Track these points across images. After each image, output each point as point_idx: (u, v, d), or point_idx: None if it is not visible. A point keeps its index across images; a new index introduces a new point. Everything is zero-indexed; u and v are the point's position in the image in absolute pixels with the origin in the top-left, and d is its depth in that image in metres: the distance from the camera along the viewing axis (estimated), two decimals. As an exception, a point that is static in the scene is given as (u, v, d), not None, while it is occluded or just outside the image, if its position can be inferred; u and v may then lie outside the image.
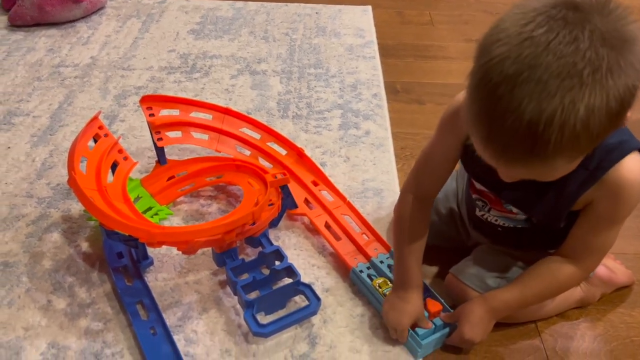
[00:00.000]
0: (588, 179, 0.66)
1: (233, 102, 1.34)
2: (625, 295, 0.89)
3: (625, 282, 0.89)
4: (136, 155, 1.14)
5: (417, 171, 0.81)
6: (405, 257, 0.79)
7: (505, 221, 0.79)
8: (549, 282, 0.75)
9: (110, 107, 1.31)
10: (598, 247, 0.73)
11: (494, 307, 0.76)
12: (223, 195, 1.05)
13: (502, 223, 0.80)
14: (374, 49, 1.60)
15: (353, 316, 0.83)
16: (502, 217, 0.79)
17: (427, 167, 0.79)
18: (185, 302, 0.86)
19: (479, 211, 0.82)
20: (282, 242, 0.96)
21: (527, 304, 0.78)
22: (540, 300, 0.79)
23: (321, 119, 1.29)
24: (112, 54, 1.54)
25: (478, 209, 0.82)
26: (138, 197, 0.99)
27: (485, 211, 0.80)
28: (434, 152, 0.78)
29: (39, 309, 0.84)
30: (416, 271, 0.78)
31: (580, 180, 0.66)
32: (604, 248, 0.73)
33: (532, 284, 0.76)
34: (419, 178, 0.80)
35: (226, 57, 1.54)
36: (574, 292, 0.84)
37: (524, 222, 0.77)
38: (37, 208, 1.03)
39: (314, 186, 1.04)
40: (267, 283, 0.83)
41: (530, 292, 0.76)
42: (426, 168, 0.80)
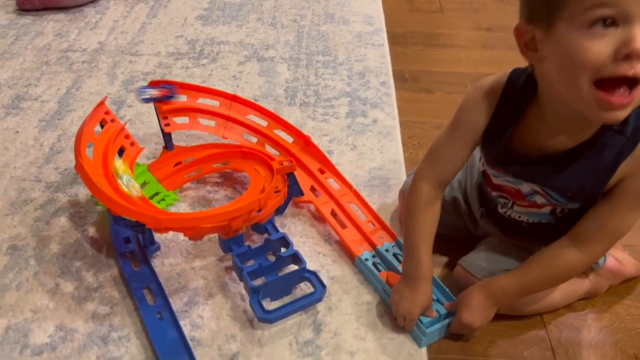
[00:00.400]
0: (626, 145, 0.64)
1: (240, 89, 1.33)
2: (632, 287, 0.89)
3: (633, 274, 0.89)
4: (143, 141, 1.14)
5: (434, 158, 0.78)
6: (416, 247, 0.78)
7: (529, 217, 0.78)
8: (549, 268, 0.74)
9: (117, 93, 1.31)
10: (611, 232, 0.70)
11: (492, 293, 0.76)
12: (229, 182, 1.06)
13: (527, 219, 0.79)
14: (382, 36, 1.58)
15: (358, 304, 0.84)
16: (527, 212, 0.78)
17: (445, 153, 0.77)
18: (192, 287, 0.86)
19: (502, 208, 0.81)
20: (288, 229, 0.96)
21: (528, 291, 0.77)
22: (542, 287, 0.78)
23: (328, 107, 1.28)
24: (120, 39, 1.54)
25: (500, 207, 0.81)
26: (145, 183, 0.99)
27: (508, 208, 0.79)
28: (453, 137, 0.76)
29: (47, 292, 0.85)
30: (427, 262, 0.78)
31: (617, 148, 0.64)
32: (617, 234, 0.71)
33: (531, 270, 0.75)
34: (437, 165, 0.78)
35: (234, 44, 1.53)
36: (582, 284, 0.84)
37: (548, 216, 0.76)
38: (45, 192, 1.03)
39: (320, 174, 1.03)
40: (272, 270, 0.84)
41: (529, 278, 0.75)
42: (444, 154, 0.77)
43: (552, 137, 0.68)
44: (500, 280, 0.76)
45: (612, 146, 0.65)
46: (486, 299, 0.76)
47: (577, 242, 0.72)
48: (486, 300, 0.76)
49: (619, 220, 0.70)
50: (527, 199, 0.76)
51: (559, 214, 0.75)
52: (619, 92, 0.55)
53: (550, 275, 0.75)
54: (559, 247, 0.73)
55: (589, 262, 0.75)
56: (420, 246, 0.78)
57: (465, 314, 0.76)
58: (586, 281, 0.84)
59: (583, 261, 0.73)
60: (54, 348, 0.77)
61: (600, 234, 0.71)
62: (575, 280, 0.83)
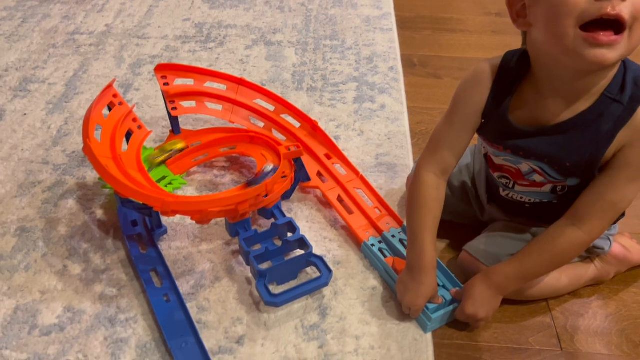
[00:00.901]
0: (623, 113, 0.64)
1: (247, 73, 1.33)
2: (638, 275, 0.88)
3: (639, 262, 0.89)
4: (150, 125, 1.14)
5: (436, 145, 0.79)
6: (420, 237, 0.78)
7: (531, 197, 0.78)
8: (549, 249, 0.73)
9: (125, 76, 1.31)
10: (609, 206, 0.69)
11: (496, 282, 0.76)
12: (236, 166, 1.06)
13: (529, 200, 0.79)
14: (391, 21, 1.57)
15: (364, 289, 0.84)
16: (528, 192, 0.78)
17: (447, 139, 0.77)
18: (199, 270, 0.87)
19: (504, 191, 0.81)
20: (295, 214, 0.96)
21: (530, 275, 0.77)
22: (544, 270, 0.77)
23: (336, 92, 1.27)
24: (127, 22, 1.53)
25: (502, 189, 0.81)
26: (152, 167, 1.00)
27: (510, 189, 0.79)
28: (453, 122, 0.76)
29: (55, 273, 0.86)
30: (431, 252, 0.77)
31: (615, 117, 0.65)
32: (616, 207, 0.70)
33: (532, 253, 0.75)
34: (439, 152, 0.78)
35: (241, 27, 1.52)
36: (588, 270, 0.84)
37: (549, 195, 0.76)
38: (53, 175, 1.04)
39: (327, 159, 1.03)
40: (279, 254, 0.84)
41: (531, 261, 0.74)
42: (446, 140, 0.77)
43: (548, 108, 0.68)
44: (502, 267, 0.76)
45: (609, 114, 0.65)
46: (489, 288, 0.76)
47: (575, 219, 0.72)
48: (489, 290, 0.76)
49: (618, 193, 0.69)
50: (527, 178, 0.75)
51: (559, 192, 0.75)
52: (605, 32, 0.56)
53: (551, 257, 0.74)
54: (558, 227, 0.73)
55: (588, 240, 0.73)
56: (423, 236, 0.77)
57: (469, 304, 0.76)
58: (592, 267, 0.84)
59: (582, 239, 0.72)
60: (62, 329, 0.78)
61: (598, 209, 0.70)
62: (581, 266, 0.83)
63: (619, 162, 0.67)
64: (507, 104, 0.71)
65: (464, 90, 0.75)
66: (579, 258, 0.83)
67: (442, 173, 0.79)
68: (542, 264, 0.75)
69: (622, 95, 0.64)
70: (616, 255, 0.85)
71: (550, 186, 0.75)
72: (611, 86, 0.65)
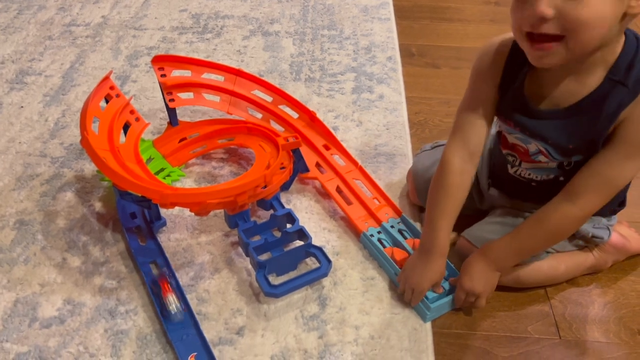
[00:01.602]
0: (625, 96, 0.66)
1: (245, 64, 1.32)
2: (637, 264, 0.89)
3: (638, 250, 0.89)
4: (148, 116, 1.14)
5: (460, 127, 0.78)
6: (436, 222, 0.78)
7: (537, 173, 0.78)
8: (543, 223, 0.74)
9: (122, 68, 1.31)
10: (605, 181, 0.70)
11: (492, 258, 0.77)
12: (235, 158, 1.05)
13: (536, 176, 0.79)
14: (389, 10, 1.56)
15: (363, 279, 0.84)
16: (534, 168, 0.78)
17: (469, 118, 0.77)
18: (198, 262, 0.87)
19: (512, 168, 0.81)
20: (294, 205, 0.96)
21: (526, 250, 0.77)
22: (537, 244, 0.77)
23: (334, 82, 1.27)
24: (124, 13, 1.52)
25: (510, 166, 0.81)
26: (150, 158, 0.99)
27: (517, 165, 0.80)
28: (475, 101, 0.77)
29: (54, 266, 0.86)
30: (444, 238, 0.78)
31: (619, 99, 0.66)
32: (611, 183, 0.70)
33: (527, 228, 0.76)
34: (464, 133, 0.77)
35: (238, 18, 1.51)
36: (586, 258, 0.84)
37: (556, 170, 0.76)
38: (51, 167, 1.03)
39: (325, 150, 1.03)
40: (278, 245, 0.84)
41: (525, 236, 0.75)
42: (468, 119, 0.77)
43: (560, 84, 0.69)
44: (498, 242, 0.77)
45: (614, 96, 0.66)
46: (486, 263, 0.77)
47: (571, 195, 0.72)
48: (486, 265, 0.77)
49: (614, 169, 0.69)
50: (532, 158, 0.76)
51: (566, 167, 0.75)
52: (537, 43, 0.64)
53: (545, 231, 0.75)
54: (553, 203, 0.74)
55: (581, 215, 0.73)
56: (440, 222, 0.78)
57: (466, 279, 0.77)
58: (590, 256, 0.84)
59: (575, 213, 0.72)
60: (62, 321, 0.78)
61: (593, 184, 0.70)
62: (579, 254, 0.84)
63: (617, 139, 0.68)
64: (522, 78, 0.72)
65: (479, 65, 0.76)
66: (577, 247, 0.83)
67: (470, 156, 0.77)
68: (536, 238, 0.76)
69: (628, 76, 0.65)
70: (615, 244, 0.85)
71: (556, 163, 0.75)
72: (616, 67, 0.66)
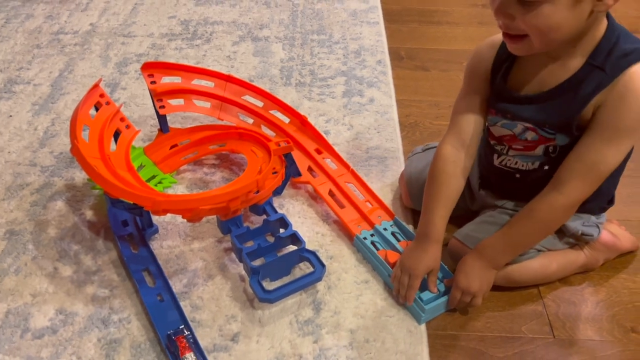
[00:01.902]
0: (603, 80, 0.68)
1: (235, 69, 1.32)
2: (628, 262, 0.89)
3: (629, 248, 0.90)
4: (138, 124, 1.13)
5: (454, 118, 0.82)
6: (430, 209, 0.80)
7: (523, 160, 0.79)
8: (532, 215, 0.75)
9: (111, 75, 1.30)
10: (588, 167, 0.71)
11: (486, 255, 0.78)
12: (226, 164, 1.05)
13: (521, 166, 0.80)
14: (378, 14, 1.57)
15: (357, 282, 0.84)
16: (520, 155, 0.79)
17: (462, 109, 0.81)
18: (191, 269, 0.86)
19: (498, 158, 0.82)
20: (287, 209, 0.96)
21: (518, 244, 0.78)
22: (528, 237, 0.78)
23: (325, 86, 1.27)
24: (112, 21, 1.52)
25: (497, 156, 0.82)
26: (141, 166, 0.99)
27: (504, 154, 0.81)
28: (468, 96, 0.80)
29: (46, 276, 0.85)
30: (439, 225, 0.79)
31: (595, 83, 0.68)
32: (595, 169, 0.71)
33: (517, 222, 0.77)
34: (457, 124, 0.81)
35: (228, 23, 1.51)
36: (578, 256, 0.85)
37: (542, 157, 0.77)
38: (41, 176, 1.03)
39: (317, 154, 1.03)
40: (272, 250, 0.84)
41: (516, 230, 0.77)
42: (461, 110, 0.81)
43: (543, 69, 0.72)
44: (490, 239, 0.78)
45: (591, 80, 0.69)
46: (481, 261, 0.78)
47: (556, 184, 0.73)
48: (481, 263, 0.78)
49: (596, 154, 0.70)
50: (520, 138, 0.77)
51: (551, 153, 0.76)
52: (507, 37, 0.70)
53: (534, 223, 0.76)
54: (540, 194, 0.75)
55: (568, 203, 0.74)
56: (433, 208, 0.79)
57: (461, 277, 0.78)
58: (581, 254, 0.85)
59: (561, 201, 0.73)
60: (54, 331, 0.77)
61: (577, 171, 0.72)
62: (570, 252, 0.84)
63: (596, 123, 0.70)
64: (506, 70, 0.75)
65: (471, 62, 0.80)
66: (568, 245, 0.84)
67: (462, 145, 0.80)
68: (526, 231, 0.77)
69: (607, 61, 0.68)
70: (605, 242, 0.86)
71: (543, 147, 0.76)
72: (596, 52, 0.69)
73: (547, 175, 0.76)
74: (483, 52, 0.78)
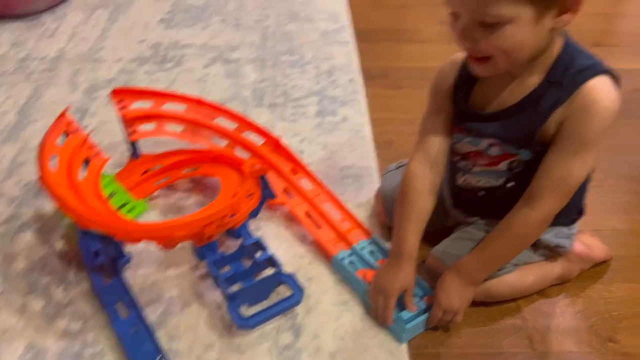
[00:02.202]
0: (561, 95, 0.70)
1: (207, 92, 1.31)
2: (603, 271, 0.91)
3: (602, 258, 0.91)
4: (109, 149, 1.11)
5: (421, 135, 0.83)
6: (402, 226, 0.80)
7: (487, 178, 0.80)
8: (506, 231, 0.76)
9: (80, 101, 1.28)
10: (557, 181, 0.72)
11: (464, 272, 0.78)
12: (200, 188, 1.04)
13: (484, 183, 0.81)
14: (348, 33, 1.58)
15: (336, 304, 0.83)
16: (485, 172, 0.80)
17: (428, 126, 0.82)
18: (166, 297, 0.84)
19: (462, 176, 0.83)
20: (263, 232, 0.95)
21: (495, 260, 0.79)
22: (506, 253, 0.79)
23: (298, 107, 1.27)
24: (81, 46, 1.50)
25: (461, 174, 0.83)
26: (113, 193, 0.97)
27: (468, 172, 0.82)
28: (434, 112, 0.82)
29: (15, 311, 0.82)
30: (411, 242, 0.79)
31: (554, 98, 0.70)
32: (564, 183, 0.72)
33: (492, 239, 0.78)
34: (424, 140, 0.82)
35: (198, 46, 1.51)
36: (553, 268, 0.86)
37: (506, 173, 0.78)
38: (8, 208, 1.00)
39: (292, 175, 1.03)
40: (249, 275, 0.83)
41: (492, 247, 0.77)
42: (427, 127, 0.82)
43: (504, 87, 0.74)
44: (467, 257, 0.79)
45: (550, 95, 0.71)
46: (459, 278, 0.78)
47: (528, 200, 0.74)
48: (459, 280, 0.78)
49: (564, 168, 0.71)
50: (485, 154, 0.78)
51: (515, 168, 0.77)
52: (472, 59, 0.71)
53: (509, 239, 0.77)
54: (513, 210, 0.76)
55: (541, 218, 0.75)
56: (405, 226, 0.80)
57: (442, 296, 0.78)
58: (556, 266, 0.86)
59: (534, 217, 0.74)
60: (25, 369, 0.75)
61: (547, 186, 0.73)
62: (546, 264, 0.85)
63: (560, 137, 0.71)
64: (468, 88, 0.77)
65: (435, 80, 0.81)
66: (543, 257, 0.85)
67: (430, 163, 0.81)
68: (502, 248, 0.78)
69: (564, 76, 0.70)
70: (578, 253, 0.87)
71: (506, 163, 0.77)
72: (554, 69, 0.71)
73: (513, 191, 0.77)
74: (446, 71, 0.80)
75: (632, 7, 1.86)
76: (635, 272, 0.91)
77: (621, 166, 1.12)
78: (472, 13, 0.65)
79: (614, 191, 1.06)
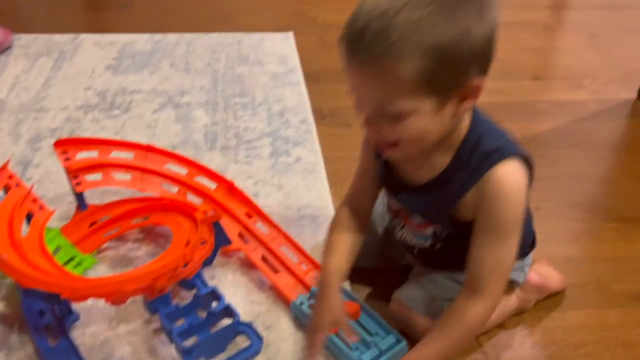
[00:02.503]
0: (468, 179, 0.70)
1: (157, 138, 1.29)
2: (559, 300, 0.92)
3: (557, 288, 0.92)
4: (54, 202, 1.07)
5: (352, 186, 0.86)
6: (325, 260, 0.79)
7: (417, 239, 0.82)
8: (460, 326, 0.72)
9: (22, 152, 1.23)
10: (494, 268, 0.71)
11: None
12: (151, 237, 1.00)
13: (415, 243, 0.82)
14: (298, 75, 1.60)
15: (296, 351, 0.81)
16: (414, 233, 0.81)
17: (358, 181, 0.85)
18: (118, 356, 0.80)
19: (399, 231, 0.84)
20: (218, 280, 0.92)
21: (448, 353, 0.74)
22: (460, 345, 0.76)
23: (251, 149, 1.27)
24: (23, 95, 1.46)
25: (398, 229, 0.85)
26: (58, 248, 0.92)
27: (401, 228, 0.84)
28: (362, 166, 0.84)
29: (-50, 383, 0.76)
30: (330, 270, 0.77)
31: (461, 181, 0.71)
32: (502, 268, 0.71)
33: (444, 334, 0.73)
34: (353, 192, 0.85)
35: (147, 92, 1.49)
36: (509, 301, 0.86)
37: (431, 238, 0.79)
38: (-57, 270, 0.93)
39: (247, 219, 1.01)
40: (204, 327, 0.79)
41: (441, 339, 0.73)
42: (357, 181, 0.85)
43: (416, 166, 0.74)
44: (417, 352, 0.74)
45: (456, 180, 0.71)
46: None
47: (473, 289, 0.71)
48: None
49: (494, 254, 0.70)
50: (411, 220, 0.80)
51: (439, 234, 0.78)
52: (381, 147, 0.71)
53: (463, 334, 0.73)
54: (461, 302, 0.72)
55: (493, 304, 0.73)
56: (328, 258, 0.79)
57: None
58: (513, 297, 0.87)
59: (486, 305, 0.72)
60: None
61: (486, 274, 0.71)
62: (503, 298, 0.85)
63: (480, 224, 0.71)
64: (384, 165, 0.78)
65: (364, 139, 0.82)
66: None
67: (359, 210, 0.83)
68: (455, 342, 0.74)
69: (471, 158, 0.70)
70: (534, 284, 0.88)
71: (432, 228, 0.79)
72: (461, 150, 0.70)
73: (441, 253, 0.79)
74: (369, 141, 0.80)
75: (567, 42, 1.97)
76: (589, 298, 0.93)
77: (568, 194, 1.16)
78: (375, 106, 0.65)
79: (565, 219, 1.09)
